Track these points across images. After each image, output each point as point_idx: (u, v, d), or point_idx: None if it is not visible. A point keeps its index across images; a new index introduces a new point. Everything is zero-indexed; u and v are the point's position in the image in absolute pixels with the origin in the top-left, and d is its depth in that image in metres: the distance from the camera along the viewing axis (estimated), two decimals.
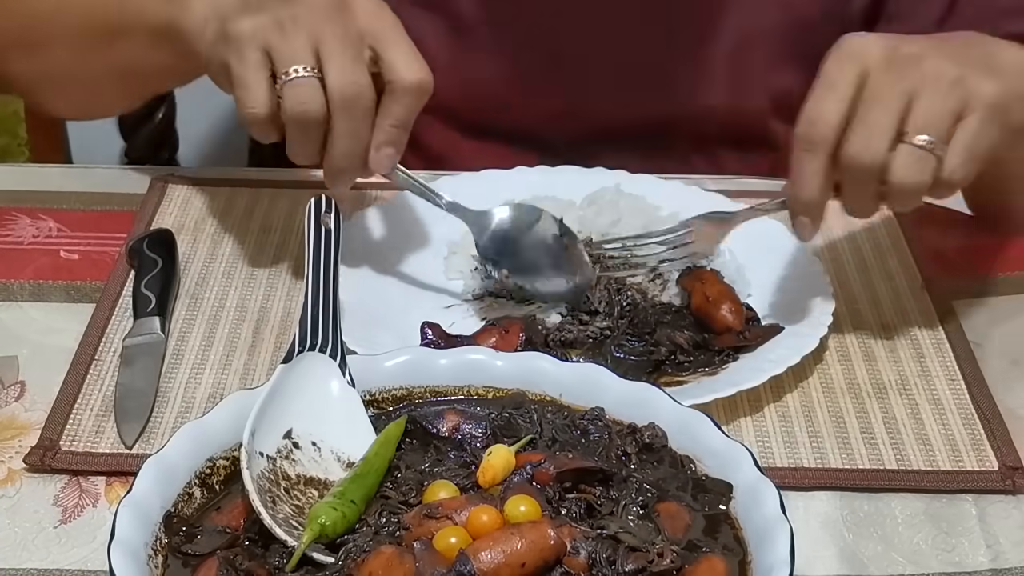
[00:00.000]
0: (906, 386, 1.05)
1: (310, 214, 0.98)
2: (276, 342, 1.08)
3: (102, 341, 1.07)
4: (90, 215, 1.24)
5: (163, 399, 1.02)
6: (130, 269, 1.14)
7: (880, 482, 0.97)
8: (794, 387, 1.04)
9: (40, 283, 1.15)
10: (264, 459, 0.84)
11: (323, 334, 0.90)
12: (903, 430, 1.01)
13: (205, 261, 1.18)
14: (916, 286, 1.16)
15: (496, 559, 0.73)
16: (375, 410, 0.90)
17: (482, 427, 0.89)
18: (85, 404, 1.01)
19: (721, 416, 1.01)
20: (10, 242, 1.20)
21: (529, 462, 0.82)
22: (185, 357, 1.06)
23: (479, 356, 0.92)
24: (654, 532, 0.79)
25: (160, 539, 0.79)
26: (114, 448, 0.98)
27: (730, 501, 0.82)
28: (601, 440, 0.87)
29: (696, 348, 1.05)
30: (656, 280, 1.12)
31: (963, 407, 1.03)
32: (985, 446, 0.99)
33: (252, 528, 0.81)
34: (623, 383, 0.89)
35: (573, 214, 1.16)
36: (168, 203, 1.25)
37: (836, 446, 0.99)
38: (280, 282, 1.15)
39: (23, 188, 1.28)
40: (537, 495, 0.79)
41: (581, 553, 0.75)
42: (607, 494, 0.82)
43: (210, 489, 0.84)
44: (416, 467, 0.85)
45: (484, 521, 0.76)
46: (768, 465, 0.95)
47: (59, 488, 0.95)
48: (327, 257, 0.96)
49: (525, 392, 0.91)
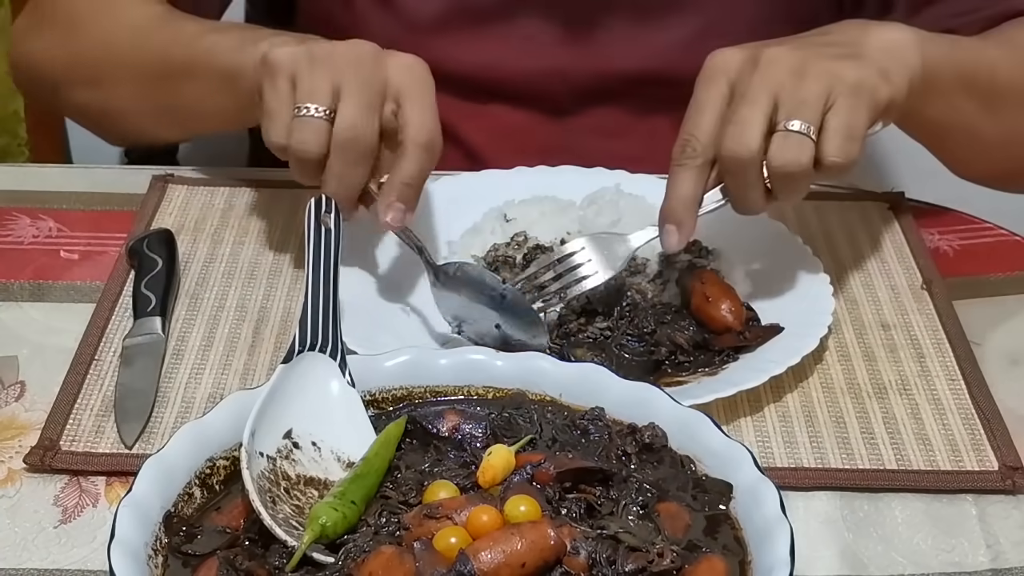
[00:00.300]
0: (906, 386, 1.05)
1: (310, 214, 0.98)
2: (276, 342, 1.08)
3: (102, 341, 1.07)
4: (90, 215, 1.24)
5: (163, 399, 1.02)
6: (130, 269, 1.14)
7: (880, 482, 0.97)
8: (794, 387, 1.04)
9: (40, 283, 1.15)
10: (264, 459, 0.84)
11: (323, 334, 0.90)
12: (903, 430, 1.01)
13: (205, 261, 1.18)
14: (916, 286, 1.16)
15: (496, 559, 0.73)
16: (375, 410, 0.90)
17: (482, 427, 0.89)
18: (85, 404, 1.01)
19: (721, 416, 1.01)
20: (10, 242, 1.20)
21: (529, 462, 0.82)
22: (185, 357, 1.06)
23: (479, 356, 0.92)
24: (654, 532, 0.79)
25: (160, 539, 0.79)
26: (114, 448, 0.98)
27: (730, 501, 0.82)
28: (601, 440, 0.87)
29: (696, 348, 1.06)
30: (656, 280, 1.12)
31: (963, 407, 1.03)
32: (985, 446, 0.99)
33: (252, 528, 0.81)
34: (623, 383, 0.89)
35: (573, 214, 1.16)
36: (168, 203, 1.25)
37: (836, 446, 0.99)
38: (280, 282, 1.15)
39: (23, 188, 1.28)
40: (537, 495, 0.79)
41: (581, 553, 0.75)
42: (607, 494, 0.82)
43: (210, 489, 0.84)
44: (416, 467, 0.85)
45: (484, 521, 0.76)
46: (768, 465, 0.95)
47: (59, 488, 0.95)
48: (327, 257, 0.96)
49: (525, 392, 0.91)
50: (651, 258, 1.14)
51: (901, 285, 1.16)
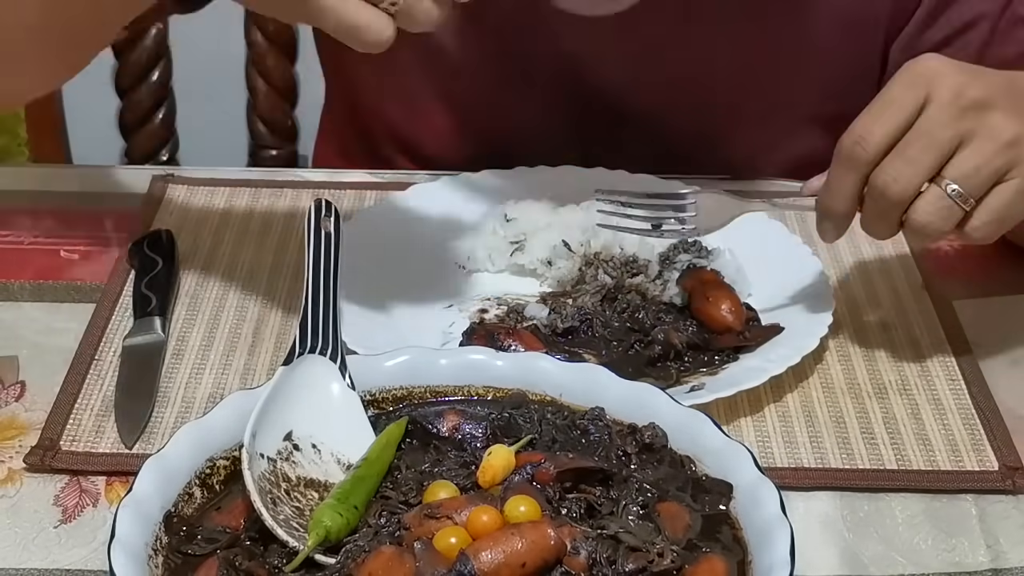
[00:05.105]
0: (906, 386, 1.05)
1: (310, 218, 0.98)
2: (276, 342, 1.08)
3: (102, 341, 1.07)
4: (90, 215, 1.24)
5: (163, 399, 1.02)
6: (130, 269, 1.14)
7: (880, 482, 0.97)
8: (794, 387, 1.04)
9: (40, 283, 1.15)
10: (265, 461, 0.84)
11: (323, 337, 0.90)
12: (903, 430, 1.01)
13: (205, 261, 1.18)
14: (916, 286, 1.16)
15: (496, 559, 0.73)
16: (375, 410, 0.90)
17: (482, 427, 0.89)
18: (85, 404, 1.01)
19: (721, 416, 1.01)
20: (10, 242, 1.20)
21: (529, 462, 0.82)
22: (185, 357, 1.06)
23: (479, 356, 0.92)
24: (654, 532, 0.79)
25: (160, 539, 0.79)
26: (114, 448, 0.98)
27: (730, 501, 0.82)
28: (601, 440, 0.87)
29: (692, 348, 1.05)
30: (656, 280, 1.12)
31: (963, 407, 1.03)
32: (985, 446, 0.99)
33: (252, 528, 0.81)
34: (623, 383, 0.89)
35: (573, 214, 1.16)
36: (168, 203, 1.25)
37: (836, 446, 0.99)
38: (280, 282, 1.15)
39: (23, 188, 1.28)
40: (537, 495, 0.79)
41: (581, 553, 0.75)
42: (607, 494, 0.82)
43: (210, 489, 0.84)
44: (416, 467, 0.85)
45: (484, 521, 0.76)
46: (768, 465, 0.95)
47: (59, 488, 0.95)
48: (327, 261, 0.96)
49: (525, 392, 0.91)
50: (651, 258, 1.14)
51: (901, 285, 1.16)
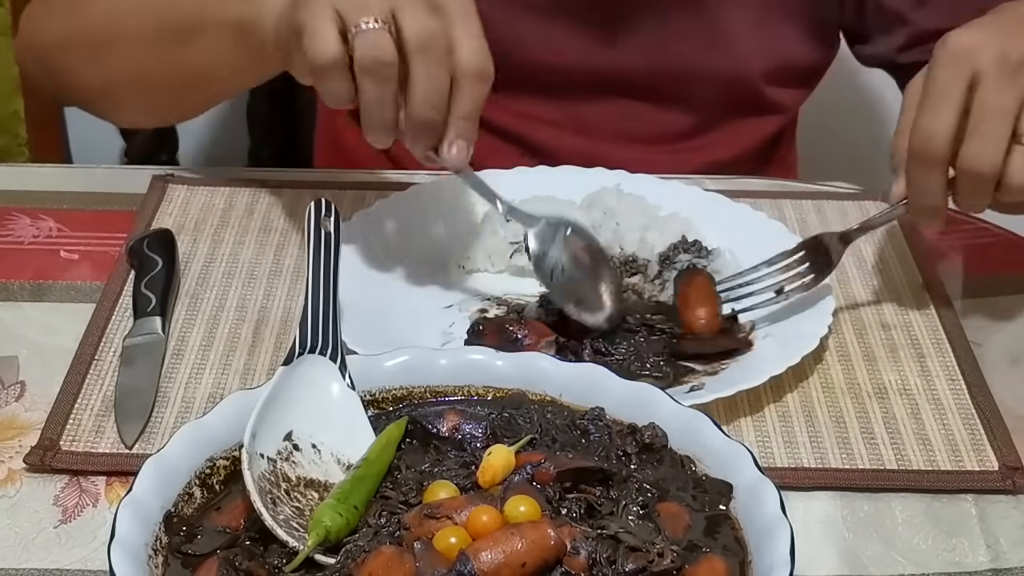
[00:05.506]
0: (906, 386, 1.05)
1: (310, 218, 0.98)
2: (276, 342, 1.08)
3: (102, 341, 1.07)
4: (90, 215, 1.24)
5: (163, 399, 1.02)
6: (130, 269, 1.14)
7: (880, 482, 0.97)
8: (794, 387, 1.04)
9: (40, 283, 1.15)
10: (265, 461, 0.84)
11: (323, 337, 0.90)
12: (903, 430, 1.01)
13: (205, 261, 1.18)
14: (916, 286, 1.16)
15: (496, 559, 0.73)
16: (375, 410, 0.90)
17: (482, 427, 0.89)
18: (85, 404, 1.01)
19: (721, 416, 1.01)
20: (10, 242, 1.20)
21: (529, 462, 0.82)
22: (185, 357, 1.06)
23: (479, 356, 0.92)
24: (654, 532, 0.79)
25: (160, 539, 0.79)
26: (114, 448, 0.98)
27: (730, 501, 0.82)
28: (601, 440, 0.87)
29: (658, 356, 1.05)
30: (655, 280, 1.12)
31: (963, 407, 1.03)
32: (985, 446, 0.99)
33: (252, 528, 0.81)
34: (623, 383, 0.89)
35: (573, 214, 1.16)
36: (168, 203, 1.25)
37: (836, 446, 0.99)
38: (280, 282, 1.15)
39: (23, 188, 1.28)
40: (537, 495, 0.79)
41: (581, 553, 0.75)
42: (607, 494, 0.82)
43: (210, 489, 0.84)
44: (416, 467, 0.85)
45: (484, 521, 0.76)
46: (768, 465, 0.95)
47: (59, 488, 0.95)
48: (327, 261, 0.96)
49: (525, 392, 0.91)
50: (651, 258, 1.14)
51: (901, 285, 1.16)
